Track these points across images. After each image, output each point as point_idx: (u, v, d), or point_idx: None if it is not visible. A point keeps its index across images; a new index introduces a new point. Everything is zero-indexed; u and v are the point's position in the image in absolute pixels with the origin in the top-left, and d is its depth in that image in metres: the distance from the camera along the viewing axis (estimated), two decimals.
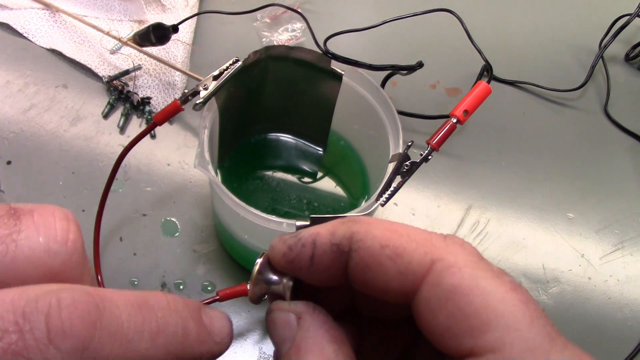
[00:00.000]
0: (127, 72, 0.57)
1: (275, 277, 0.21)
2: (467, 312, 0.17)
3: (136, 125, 0.55)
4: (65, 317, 0.14)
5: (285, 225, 0.36)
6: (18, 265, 0.16)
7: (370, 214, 0.37)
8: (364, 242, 0.19)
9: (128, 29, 0.61)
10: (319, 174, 0.51)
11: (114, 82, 0.56)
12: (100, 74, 0.57)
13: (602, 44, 0.71)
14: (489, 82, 0.62)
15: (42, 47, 0.59)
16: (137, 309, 0.16)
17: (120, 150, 0.41)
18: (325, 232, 0.20)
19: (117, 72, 0.57)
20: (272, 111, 0.49)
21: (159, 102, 0.56)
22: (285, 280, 0.21)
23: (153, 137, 0.54)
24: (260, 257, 0.22)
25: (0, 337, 0.14)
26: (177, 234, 0.48)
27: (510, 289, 0.17)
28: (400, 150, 0.39)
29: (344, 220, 0.20)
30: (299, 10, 0.62)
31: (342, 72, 0.45)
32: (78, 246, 0.17)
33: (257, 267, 0.21)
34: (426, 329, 0.18)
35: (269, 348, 0.43)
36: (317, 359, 0.18)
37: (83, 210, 0.48)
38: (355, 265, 0.19)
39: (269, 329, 0.20)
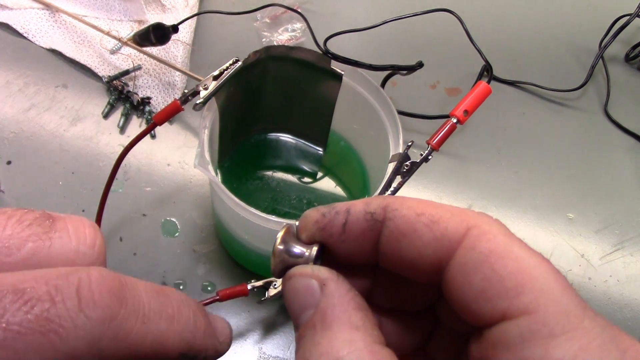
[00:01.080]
0: (127, 72, 0.57)
1: (298, 249, 0.21)
2: (502, 274, 0.17)
3: (136, 125, 0.55)
4: (95, 289, 0.16)
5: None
6: (51, 260, 0.17)
7: None
8: (399, 211, 0.19)
9: (128, 29, 0.61)
10: (319, 174, 0.51)
11: (114, 82, 0.56)
12: (100, 74, 0.57)
13: (602, 44, 0.71)
14: (489, 82, 0.62)
15: (42, 47, 0.59)
16: (155, 294, 0.17)
17: (120, 150, 0.41)
18: (360, 202, 0.20)
19: (117, 72, 0.57)
20: (272, 111, 0.49)
21: (159, 102, 0.56)
22: (308, 253, 0.20)
23: (153, 137, 0.54)
24: (282, 230, 0.21)
25: (33, 304, 0.15)
26: (177, 234, 0.48)
27: (542, 259, 0.18)
28: (401, 150, 0.39)
29: (379, 196, 0.20)
30: (299, 10, 0.62)
31: (342, 72, 0.45)
32: (103, 252, 0.19)
33: (279, 238, 0.21)
34: (459, 295, 0.18)
35: (269, 348, 0.43)
36: (345, 326, 0.18)
37: (83, 210, 0.48)
38: (390, 233, 0.19)
39: (287, 296, 0.20)
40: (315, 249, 0.20)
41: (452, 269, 0.18)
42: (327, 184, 0.50)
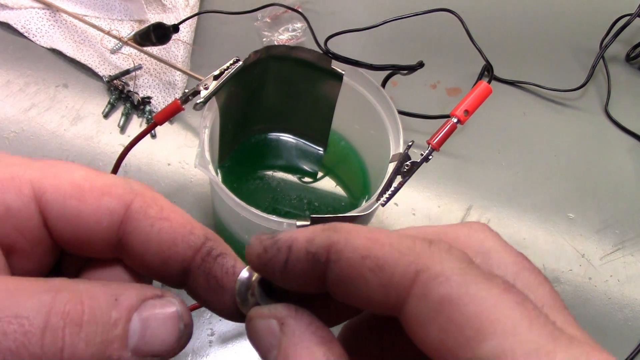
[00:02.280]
0: (127, 72, 0.57)
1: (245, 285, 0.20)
2: (459, 322, 0.16)
3: (136, 125, 0.55)
4: None
5: (285, 225, 0.36)
6: None
7: (370, 214, 0.37)
8: (343, 253, 0.17)
9: (129, 29, 0.61)
10: (320, 174, 0.51)
11: (115, 81, 0.56)
12: (100, 74, 0.57)
13: (603, 44, 0.71)
14: (489, 82, 0.62)
15: (43, 47, 0.59)
16: None
17: (120, 149, 0.41)
18: (303, 238, 0.18)
19: (117, 71, 0.57)
20: (272, 111, 0.49)
21: (160, 101, 0.56)
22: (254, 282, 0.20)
23: (153, 136, 0.54)
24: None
25: None
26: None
27: (503, 290, 0.16)
28: (401, 150, 0.39)
29: (325, 228, 0.18)
30: (299, 10, 0.62)
31: (343, 72, 0.45)
32: None
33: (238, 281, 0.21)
34: (419, 343, 0.17)
35: None
36: None
37: None
38: (335, 276, 0.18)
39: (250, 339, 0.19)
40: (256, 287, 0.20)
41: (407, 318, 0.17)
42: (327, 184, 0.50)
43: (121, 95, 0.56)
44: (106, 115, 0.55)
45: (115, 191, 0.20)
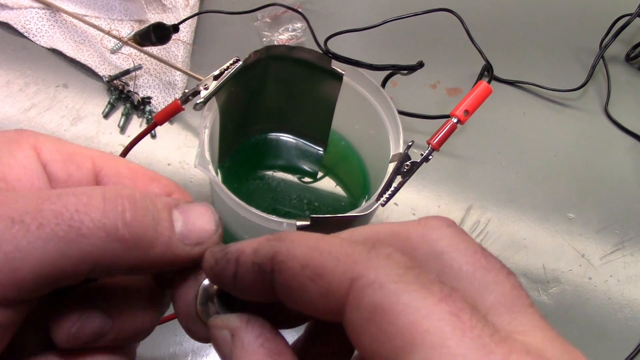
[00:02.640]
0: (127, 72, 0.57)
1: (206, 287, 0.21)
2: (389, 332, 0.15)
3: (136, 125, 0.55)
4: None
5: (285, 225, 0.36)
6: None
7: (370, 214, 0.37)
8: (285, 263, 0.17)
9: (128, 29, 0.61)
10: (320, 174, 0.51)
11: (115, 81, 0.56)
12: (100, 74, 0.57)
13: (603, 44, 0.71)
14: (489, 82, 0.62)
15: (43, 47, 0.59)
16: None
17: (120, 150, 0.41)
18: (250, 249, 0.19)
19: (117, 71, 0.57)
20: (272, 111, 0.49)
21: (160, 101, 0.56)
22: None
23: (153, 136, 0.54)
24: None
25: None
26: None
27: (439, 299, 0.15)
28: (401, 150, 0.39)
29: (270, 238, 0.19)
30: (299, 10, 0.62)
31: (343, 72, 0.45)
32: None
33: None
34: (358, 351, 0.16)
35: None
36: None
37: None
38: (280, 286, 0.18)
39: (214, 347, 0.20)
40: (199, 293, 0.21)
41: (345, 325, 0.16)
42: (327, 184, 0.50)
43: (121, 95, 0.56)
44: (106, 116, 0.55)
45: (162, 182, 0.23)
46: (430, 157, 0.37)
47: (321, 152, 0.52)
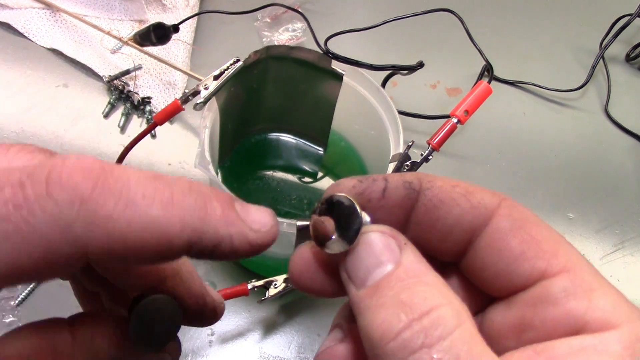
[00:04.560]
0: (127, 72, 0.57)
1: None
2: (538, 238, 0.19)
3: (137, 125, 0.55)
4: (65, 173, 0.15)
5: (285, 225, 0.36)
6: None
7: None
8: (434, 182, 0.20)
9: (129, 29, 0.61)
10: (320, 174, 0.51)
11: (115, 81, 0.56)
12: (100, 74, 0.57)
13: (603, 44, 0.71)
14: (489, 82, 0.62)
15: (43, 47, 0.59)
16: (149, 180, 0.16)
17: (120, 150, 0.41)
18: (395, 174, 0.21)
19: (117, 71, 0.57)
20: (272, 111, 0.49)
21: (160, 101, 0.56)
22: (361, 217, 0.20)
23: (154, 136, 0.54)
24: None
25: (1, 189, 0.15)
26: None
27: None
28: (401, 150, 0.39)
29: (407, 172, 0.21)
30: (299, 10, 0.62)
31: (343, 72, 0.45)
32: None
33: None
34: (495, 259, 0.19)
35: (269, 347, 0.43)
36: (434, 280, 0.18)
37: None
38: (428, 202, 0.20)
39: (358, 252, 0.19)
40: (365, 215, 0.20)
41: (488, 235, 0.19)
42: (327, 184, 0.50)
43: (121, 95, 0.56)
44: (106, 115, 0.55)
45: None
46: (430, 157, 0.37)
47: (321, 152, 0.52)
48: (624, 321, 0.18)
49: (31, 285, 0.43)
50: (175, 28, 0.56)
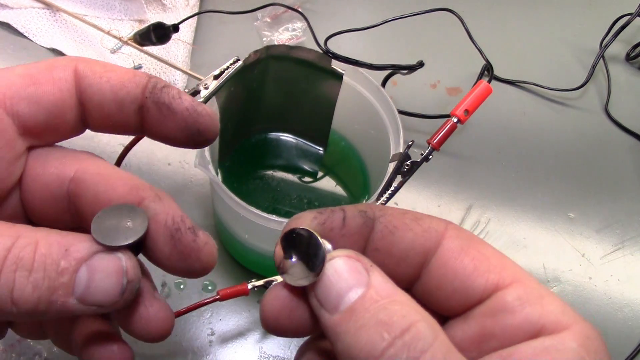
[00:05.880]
0: None
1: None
2: (487, 254, 0.21)
3: None
4: None
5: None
6: None
7: None
8: (386, 211, 0.22)
9: (129, 29, 0.61)
10: (320, 174, 0.51)
11: None
12: None
13: (603, 44, 0.71)
14: (489, 81, 0.62)
15: (43, 47, 0.59)
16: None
17: (120, 149, 0.41)
18: (348, 206, 0.22)
19: None
20: (272, 111, 0.49)
21: None
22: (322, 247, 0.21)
23: None
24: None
25: None
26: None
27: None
28: (401, 150, 0.39)
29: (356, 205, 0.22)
30: (299, 9, 0.62)
31: (343, 72, 0.45)
32: None
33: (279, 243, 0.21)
34: (450, 276, 0.21)
35: (269, 347, 0.43)
36: (405, 299, 0.19)
37: None
38: (384, 228, 0.21)
39: (328, 278, 0.20)
40: (327, 243, 0.21)
41: (441, 255, 0.21)
42: (327, 184, 0.50)
43: None
44: None
45: (58, 63, 0.23)
46: (430, 156, 0.37)
47: (321, 152, 0.52)
48: (573, 322, 0.19)
49: None
50: (175, 28, 0.56)
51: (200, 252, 0.23)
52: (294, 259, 0.21)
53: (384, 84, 0.57)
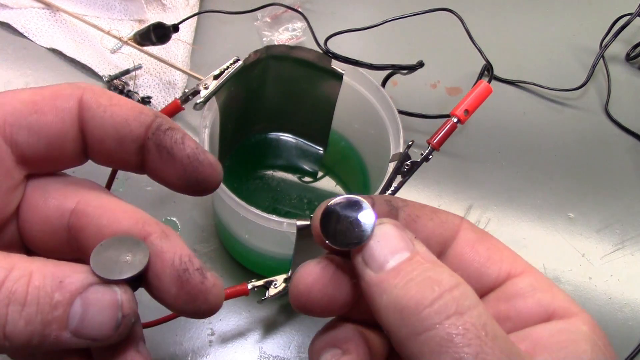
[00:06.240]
0: (127, 72, 0.57)
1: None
2: (500, 247, 0.23)
3: None
4: None
5: (285, 224, 0.36)
6: None
7: None
8: (407, 202, 0.23)
9: (128, 29, 0.61)
10: (320, 174, 0.51)
11: (115, 81, 0.56)
12: (100, 74, 0.57)
13: (603, 44, 0.71)
14: (489, 81, 0.62)
15: (43, 47, 0.59)
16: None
17: None
18: (374, 195, 0.24)
19: (117, 71, 0.57)
20: (272, 111, 0.49)
21: (160, 101, 0.56)
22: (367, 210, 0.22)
23: None
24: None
25: None
26: (177, 234, 0.48)
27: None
28: (401, 150, 0.39)
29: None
30: (299, 9, 0.61)
31: (343, 72, 0.45)
32: None
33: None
34: (466, 264, 0.23)
35: (269, 347, 0.43)
36: (448, 269, 0.20)
37: None
38: (407, 216, 0.23)
39: (377, 240, 0.21)
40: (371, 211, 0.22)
41: (458, 245, 0.23)
42: (327, 184, 0.50)
43: (121, 94, 0.56)
44: None
45: (64, 92, 0.23)
46: (430, 156, 0.37)
47: (321, 152, 0.52)
48: (579, 310, 0.22)
49: None
50: (175, 28, 0.56)
51: (209, 293, 0.22)
52: (340, 224, 0.21)
53: (384, 84, 0.57)
